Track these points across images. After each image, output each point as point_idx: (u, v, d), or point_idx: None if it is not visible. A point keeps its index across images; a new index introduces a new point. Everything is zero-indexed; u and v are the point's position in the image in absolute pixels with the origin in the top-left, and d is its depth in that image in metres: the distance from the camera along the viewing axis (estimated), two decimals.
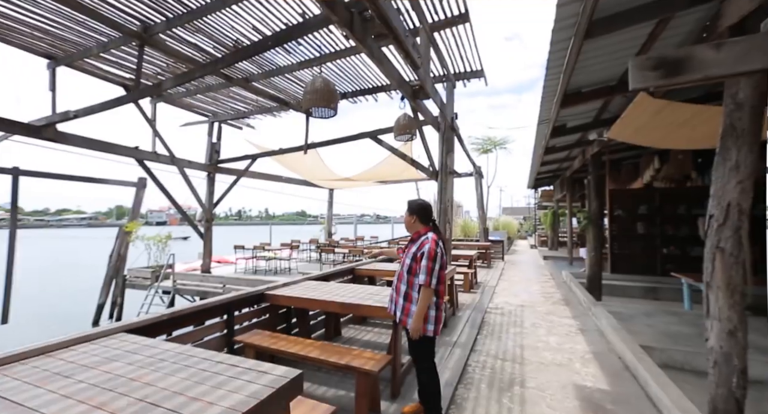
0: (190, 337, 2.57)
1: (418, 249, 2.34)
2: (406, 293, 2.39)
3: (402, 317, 2.39)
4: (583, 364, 3.47)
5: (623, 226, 9.12)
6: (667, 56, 2.10)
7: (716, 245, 2.43)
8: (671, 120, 4.13)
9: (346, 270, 5.09)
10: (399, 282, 2.45)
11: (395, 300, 2.48)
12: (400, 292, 2.43)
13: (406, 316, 2.35)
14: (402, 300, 2.40)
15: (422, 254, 2.28)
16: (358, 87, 6.99)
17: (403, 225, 2.59)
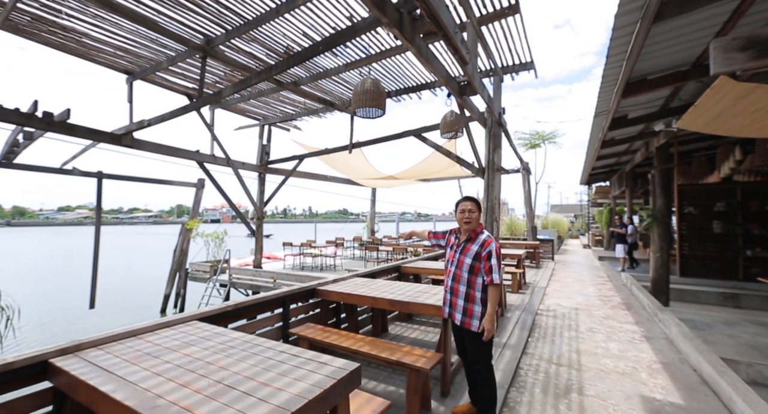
0: (250, 327, 2.76)
1: (481, 248, 2.31)
2: (467, 294, 2.32)
3: (465, 319, 2.32)
4: (651, 374, 3.19)
5: (695, 224, 8.21)
6: (760, 34, 1.86)
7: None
8: (760, 105, 3.64)
9: (392, 267, 5.15)
10: (456, 283, 2.38)
11: (452, 302, 2.41)
12: (459, 293, 2.36)
13: (470, 318, 2.29)
14: (463, 301, 2.33)
15: (488, 253, 2.29)
16: (402, 85, 7.00)
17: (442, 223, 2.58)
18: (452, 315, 2.41)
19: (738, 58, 1.88)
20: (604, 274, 8.97)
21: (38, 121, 5.00)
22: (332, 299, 3.42)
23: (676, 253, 8.24)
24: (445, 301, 2.48)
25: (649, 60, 3.64)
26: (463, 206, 2.41)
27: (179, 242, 10.70)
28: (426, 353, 2.52)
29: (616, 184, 13.07)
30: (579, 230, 26.83)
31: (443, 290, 2.52)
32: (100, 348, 1.71)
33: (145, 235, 58.61)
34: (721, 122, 4.34)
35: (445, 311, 2.47)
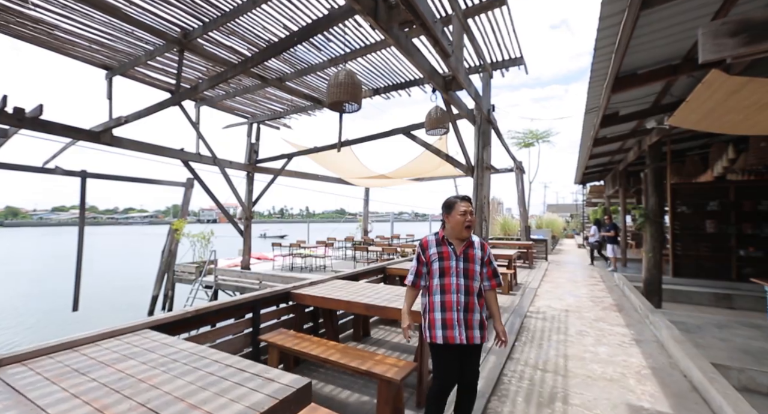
0: (215, 334, 2.60)
1: (483, 252, 2.15)
2: (479, 305, 2.05)
3: (482, 333, 2.03)
4: (639, 380, 3.06)
5: (688, 224, 8.11)
6: (751, 18, 1.71)
7: None
8: (753, 100, 3.51)
9: (376, 269, 4.99)
10: (471, 296, 2.02)
11: (468, 320, 1.99)
12: (474, 307, 2.02)
13: (485, 330, 2.06)
14: (478, 315, 2.03)
15: (489, 257, 2.18)
16: (390, 82, 6.85)
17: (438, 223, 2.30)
18: (470, 336, 1.99)
19: (728, 44, 1.73)
20: (597, 274, 8.87)
21: (8, 117, 4.79)
22: (307, 303, 3.26)
23: (669, 253, 8.15)
24: (456, 322, 1.98)
25: (639, 53, 3.50)
26: (465, 207, 2.09)
27: (167, 243, 10.49)
28: (399, 362, 2.36)
29: (610, 184, 12.98)
30: (574, 230, 26.79)
31: (446, 310, 2.00)
32: (24, 364, 1.54)
33: (140, 235, 58.14)
34: (713, 119, 4.22)
35: (459, 335, 1.97)
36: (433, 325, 2.01)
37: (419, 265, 2.12)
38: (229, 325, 2.72)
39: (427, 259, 2.10)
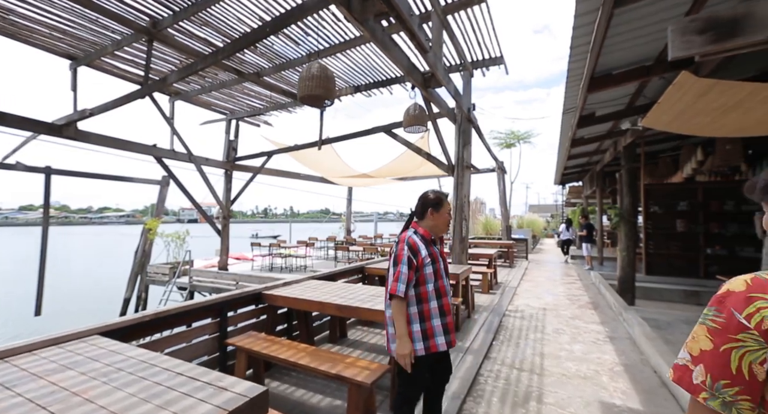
0: (177, 339, 2.44)
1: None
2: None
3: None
4: (612, 377, 3.08)
5: (660, 223, 8.38)
6: (719, 16, 1.72)
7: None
8: (720, 103, 3.62)
9: (355, 269, 4.90)
10: (449, 296, 1.95)
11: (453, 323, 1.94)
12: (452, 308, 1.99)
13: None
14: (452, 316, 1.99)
15: None
16: (371, 80, 6.77)
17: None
18: (453, 339, 1.92)
19: (696, 41, 1.73)
20: (574, 273, 9.05)
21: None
22: (279, 304, 3.13)
23: (642, 252, 8.39)
24: (452, 327, 1.91)
25: (614, 53, 3.55)
26: (449, 206, 2.01)
27: (140, 243, 10.06)
28: (372, 364, 2.28)
29: (588, 184, 13.32)
30: (554, 230, 27.44)
31: (445, 315, 1.88)
32: None
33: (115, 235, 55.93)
34: (683, 120, 4.33)
35: (453, 339, 1.90)
36: (432, 333, 1.82)
37: (410, 271, 1.79)
38: (193, 329, 2.56)
39: (419, 263, 1.83)
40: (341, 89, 7.15)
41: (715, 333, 0.69)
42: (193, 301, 2.61)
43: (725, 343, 0.67)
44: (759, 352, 0.64)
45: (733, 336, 0.67)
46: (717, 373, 0.67)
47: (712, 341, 0.69)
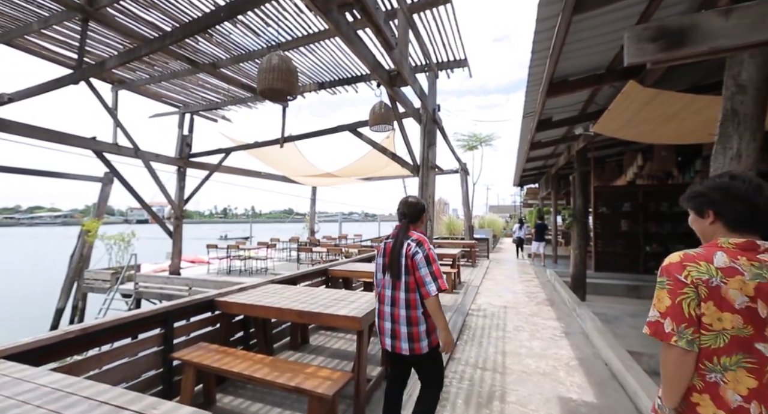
0: (110, 356, 2.15)
1: None
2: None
3: None
4: (568, 372, 3.20)
5: (607, 223, 9.02)
6: (668, 25, 1.80)
7: None
8: (661, 111, 3.91)
9: (318, 271, 4.71)
10: None
11: None
12: None
13: None
14: None
15: None
16: (336, 76, 6.60)
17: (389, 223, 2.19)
18: None
19: (649, 48, 1.80)
20: (531, 271, 9.47)
21: None
22: (234, 311, 2.90)
23: (592, 250, 8.97)
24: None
25: (571, 60, 3.70)
26: None
27: (77, 246, 9.08)
28: (333, 373, 2.16)
29: (544, 186, 14.07)
30: (512, 229, 28.73)
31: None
32: None
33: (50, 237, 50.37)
34: (630, 128, 4.65)
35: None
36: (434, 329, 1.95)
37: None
38: (130, 344, 2.28)
39: None
40: (305, 85, 6.91)
41: (670, 292, 1.02)
42: (132, 312, 2.32)
43: (677, 297, 1.00)
44: (695, 299, 0.99)
45: (680, 291, 1.00)
46: (679, 321, 0.99)
47: (670, 298, 1.02)
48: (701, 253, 1.05)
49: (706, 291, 0.99)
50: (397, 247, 1.92)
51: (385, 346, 1.97)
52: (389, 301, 1.94)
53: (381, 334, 1.99)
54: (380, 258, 2.04)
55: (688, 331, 0.98)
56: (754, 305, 0.97)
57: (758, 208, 1.04)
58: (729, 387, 0.98)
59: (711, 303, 0.99)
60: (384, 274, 1.99)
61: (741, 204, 1.06)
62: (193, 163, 8.70)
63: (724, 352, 0.98)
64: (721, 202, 1.09)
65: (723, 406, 0.98)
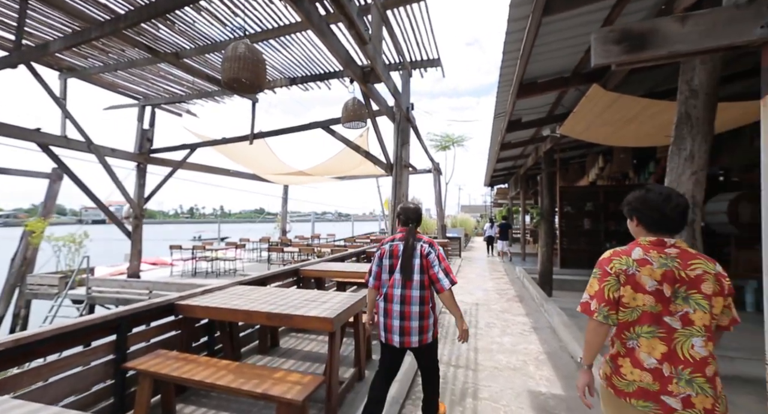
0: (51, 369, 1.94)
1: None
2: None
3: None
4: (537, 366, 3.29)
5: (572, 222, 9.44)
6: (632, 29, 1.86)
7: None
8: (621, 114, 4.11)
9: (289, 271, 4.56)
10: None
11: None
12: None
13: None
14: None
15: None
16: (309, 72, 6.44)
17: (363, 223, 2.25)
18: None
19: (614, 50, 1.86)
20: (501, 268, 9.75)
21: None
22: (197, 315, 2.73)
23: (558, 248, 9.36)
24: None
25: (539, 62, 3.81)
26: None
27: (20, 248, 8.26)
28: (304, 377, 2.07)
29: (513, 186, 14.54)
30: (483, 228, 29.52)
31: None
32: None
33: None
34: (593, 130, 4.87)
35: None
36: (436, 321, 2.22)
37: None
38: (75, 355, 2.06)
39: None
40: (276, 80, 6.69)
41: (599, 280, 1.35)
42: (77, 320, 2.11)
43: (602, 284, 1.33)
44: (615, 286, 1.31)
45: (605, 279, 1.33)
46: (600, 301, 1.32)
47: (598, 285, 1.34)
48: (625, 249, 1.37)
49: (624, 278, 1.30)
50: (410, 249, 2.10)
51: (392, 342, 2.09)
52: (399, 299, 2.07)
53: (388, 332, 2.10)
54: (387, 259, 2.16)
55: (605, 309, 1.31)
56: (660, 287, 1.26)
57: (666, 215, 1.33)
58: (643, 350, 1.27)
59: (628, 287, 1.29)
60: (391, 274, 2.13)
61: (654, 212, 1.35)
62: (155, 160, 8.19)
63: (637, 323, 1.29)
64: (640, 210, 1.40)
65: (638, 365, 1.27)
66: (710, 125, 2.30)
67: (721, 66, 2.33)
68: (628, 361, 1.29)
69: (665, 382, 1.22)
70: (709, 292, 1.23)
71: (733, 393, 2.76)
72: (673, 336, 1.24)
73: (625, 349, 1.31)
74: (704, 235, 2.45)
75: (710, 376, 1.21)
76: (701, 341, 1.22)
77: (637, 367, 1.27)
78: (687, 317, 1.23)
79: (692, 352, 1.22)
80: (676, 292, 1.25)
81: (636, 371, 1.26)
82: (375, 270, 2.21)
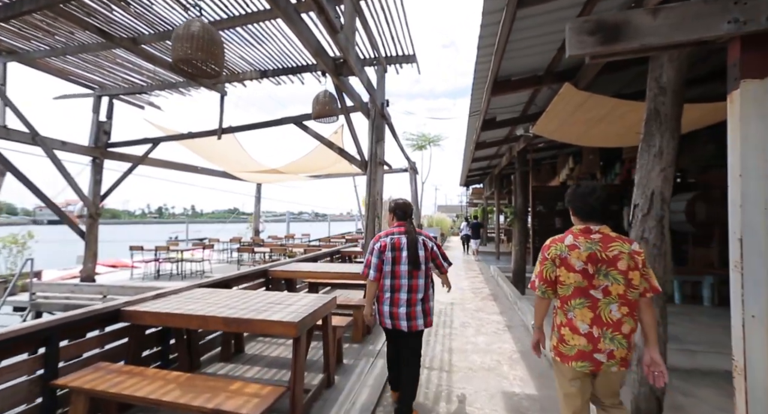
0: None
1: None
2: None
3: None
4: (511, 366, 3.25)
5: (544, 221, 9.65)
6: (606, 20, 1.82)
7: (641, 236, 2.30)
8: (591, 114, 4.17)
9: (257, 272, 4.31)
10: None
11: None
12: None
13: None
14: None
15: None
16: (280, 65, 6.18)
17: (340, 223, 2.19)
18: None
19: (588, 41, 1.81)
20: (477, 267, 9.83)
21: None
22: (147, 322, 2.47)
23: (531, 246, 9.55)
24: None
25: (513, 59, 3.79)
26: None
27: None
28: (263, 388, 1.89)
29: (488, 186, 14.79)
30: (459, 228, 29.96)
31: None
32: None
33: None
34: (565, 129, 4.93)
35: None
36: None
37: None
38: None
39: None
40: (246, 73, 6.38)
41: (540, 264, 1.65)
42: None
43: (542, 267, 1.63)
44: (551, 268, 1.60)
45: (544, 263, 1.63)
46: (540, 280, 1.64)
47: (539, 267, 1.65)
48: (561, 237, 1.68)
49: (559, 261, 1.61)
50: (414, 243, 2.35)
51: (400, 327, 2.28)
52: (406, 288, 2.29)
53: (395, 319, 2.28)
54: (389, 252, 2.31)
55: (543, 286, 1.65)
56: (586, 267, 1.56)
57: (591, 205, 1.63)
58: (578, 319, 1.57)
59: (563, 268, 1.59)
60: (395, 265, 2.31)
61: (582, 203, 1.65)
62: (113, 154, 7.62)
63: (571, 297, 1.58)
64: (573, 203, 1.70)
65: (576, 332, 1.57)
66: (677, 122, 2.31)
67: (687, 66, 2.35)
68: (568, 329, 1.59)
69: (596, 342, 1.53)
70: (624, 268, 1.53)
71: (694, 385, 2.82)
72: (597, 305, 1.55)
73: (566, 319, 1.61)
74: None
75: (626, 333, 1.54)
76: (616, 307, 1.54)
77: (575, 333, 1.57)
78: (607, 289, 1.54)
79: (611, 316, 1.54)
80: (598, 270, 1.55)
81: (575, 336, 1.57)
82: (375, 262, 2.32)
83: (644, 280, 1.56)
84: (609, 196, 1.68)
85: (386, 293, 2.30)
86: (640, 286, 1.55)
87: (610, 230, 1.63)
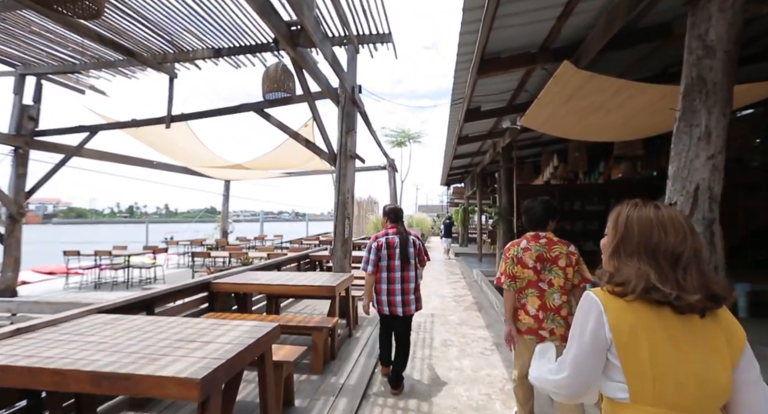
0: None
1: None
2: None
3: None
4: (504, 402, 2.63)
5: None
6: None
7: None
8: (589, 101, 3.64)
9: (195, 286, 3.50)
10: None
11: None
12: None
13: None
14: None
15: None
16: (237, 43, 5.36)
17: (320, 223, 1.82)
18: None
19: None
20: (458, 270, 9.29)
21: None
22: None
23: None
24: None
25: (504, 28, 3.18)
26: None
27: None
28: None
29: (470, 185, 14.35)
30: (440, 228, 29.60)
31: None
32: None
33: None
34: (556, 120, 4.41)
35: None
36: None
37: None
38: None
39: None
40: (197, 51, 5.52)
41: (505, 262, 2.15)
42: None
43: (505, 264, 2.14)
44: (512, 265, 2.11)
45: (506, 261, 2.14)
46: (506, 276, 2.13)
47: (503, 265, 2.15)
48: (518, 240, 2.16)
49: (516, 260, 2.08)
50: (406, 241, 2.83)
51: (396, 313, 2.75)
52: (400, 280, 2.77)
53: (392, 306, 2.75)
54: (385, 250, 2.77)
55: (507, 280, 2.10)
56: (536, 264, 2.04)
57: (535, 218, 2.14)
58: (529, 304, 2.05)
59: (519, 266, 2.07)
60: (390, 261, 2.77)
61: (528, 216, 2.20)
62: (40, 143, 6.54)
63: (526, 287, 2.07)
64: (525, 215, 2.22)
65: (527, 313, 2.05)
66: (729, 92, 1.75)
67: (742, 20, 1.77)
68: (522, 312, 2.08)
69: (540, 322, 2.01)
70: (563, 265, 2.01)
71: None
72: (543, 294, 2.03)
73: (520, 304, 2.09)
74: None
75: (564, 316, 2.00)
76: (558, 296, 2.01)
77: (527, 315, 2.05)
78: (550, 282, 2.02)
79: (553, 303, 2.01)
80: (544, 267, 2.03)
81: (526, 317, 2.05)
82: (373, 259, 2.76)
83: (578, 274, 2.05)
84: (546, 209, 2.13)
85: (384, 285, 2.76)
86: (574, 279, 2.03)
87: (554, 236, 2.12)
